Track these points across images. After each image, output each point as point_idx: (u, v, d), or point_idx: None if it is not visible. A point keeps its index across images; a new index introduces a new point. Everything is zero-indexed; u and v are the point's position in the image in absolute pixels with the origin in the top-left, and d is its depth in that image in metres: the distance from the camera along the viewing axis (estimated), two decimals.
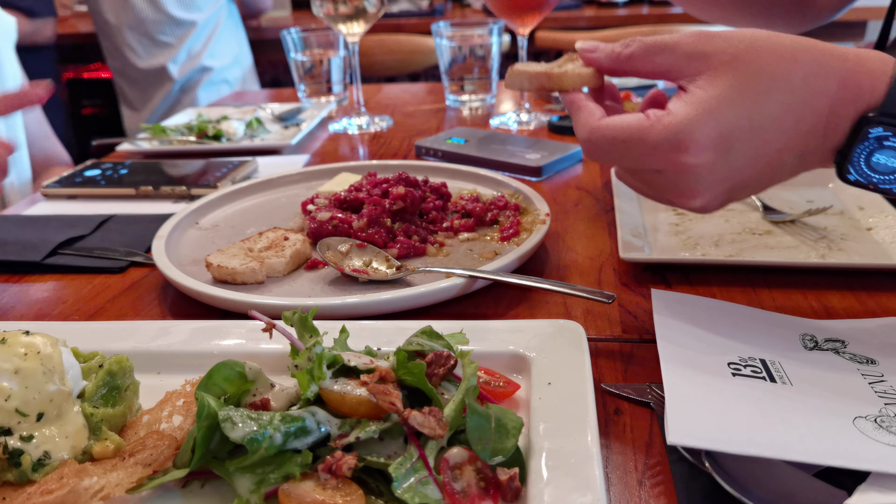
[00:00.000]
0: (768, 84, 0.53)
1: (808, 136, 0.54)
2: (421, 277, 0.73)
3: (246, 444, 0.43)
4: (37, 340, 0.48)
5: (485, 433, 0.44)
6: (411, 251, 0.79)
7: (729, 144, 0.54)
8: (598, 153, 0.58)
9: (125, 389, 0.52)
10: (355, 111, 1.42)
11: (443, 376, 0.49)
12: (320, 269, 0.77)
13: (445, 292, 0.68)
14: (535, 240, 0.77)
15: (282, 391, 0.49)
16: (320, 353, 0.48)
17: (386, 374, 0.47)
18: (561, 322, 0.58)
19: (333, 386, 0.47)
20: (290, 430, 0.44)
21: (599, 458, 0.44)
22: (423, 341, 0.52)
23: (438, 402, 0.47)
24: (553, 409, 0.49)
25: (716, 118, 0.53)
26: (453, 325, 0.58)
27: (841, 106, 0.53)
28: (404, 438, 0.45)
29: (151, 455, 0.46)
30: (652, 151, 0.55)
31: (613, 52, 0.59)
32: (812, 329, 0.61)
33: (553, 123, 1.33)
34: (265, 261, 0.75)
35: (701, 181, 0.55)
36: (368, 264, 0.75)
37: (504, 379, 0.54)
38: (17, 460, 0.44)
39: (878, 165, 0.53)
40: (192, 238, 0.87)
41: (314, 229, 0.82)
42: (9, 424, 0.45)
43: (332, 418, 0.46)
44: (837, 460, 0.43)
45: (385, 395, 0.45)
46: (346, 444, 0.45)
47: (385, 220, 0.81)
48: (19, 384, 0.46)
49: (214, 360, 0.49)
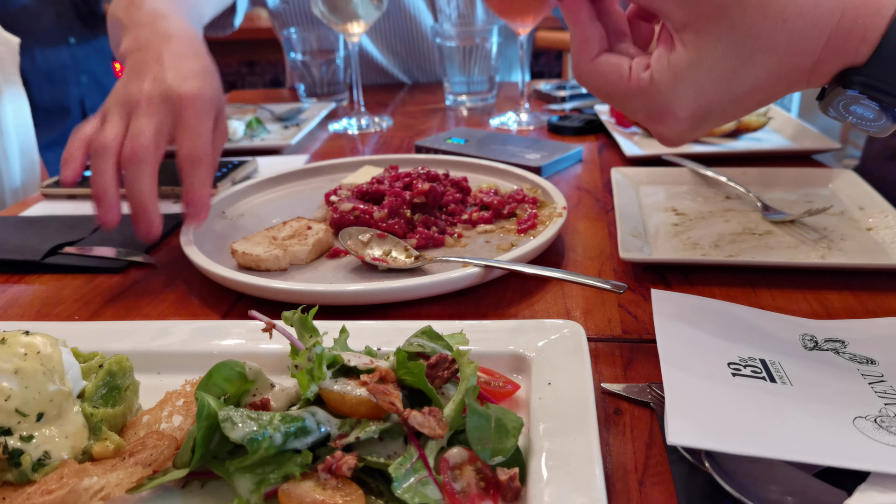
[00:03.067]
0: (752, 46, 0.52)
1: (789, 86, 0.54)
2: (438, 266, 0.76)
3: (246, 445, 0.42)
4: (37, 340, 0.48)
5: (485, 433, 0.44)
6: (430, 242, 0.82)
7: (706, 112, 0.56)
8: (586, 88, 0.61)
9: (125, 389, 0.51)
10: (355, 111, 1.42)
11: (446, 379, 0.49)
12: (342, 258, 0.80)
13: (462, 281, 0.70)
14: (550, 232, 0.78)
15: (282, 391, 0.49)
16: (320, 354, 0.48)
17: (386, 374, 0.47)
18: (561, 322, 0.59)
19: (333, 386, 0.47)
20: (290, 430, 0.44)
21: (599, 458, 0.44)
22: (424, 342, 0.52)
23: (438, 403, 0.47)
24: (553, 408, 0.49)
25: (694, 88, 0.54)
26: (453, 325, 0.58)
27: (825, 63, 0.52)
28: (404, 438, 0.45)
29: (151, 455, 0.46)
30: (632, 112, 0.59)
31: None
32: (812, 329, 0.61)
33: (553, 123, 1.33)
34: (288, 249, 0.78)
35: (675, 135, 0.58)
36: (388, 253, 0.78)
37: (504, 379, 0.54)
38: (17, 460, 0.44)
39: (854, 112, 0.54)
40: (217, 228, 0.90)
41: (336, 219, 0.84)
42: (9, 424, 0.45)
43: (332, 418, 0.46)
44: (837, 460, 0.43)
45: (385, 395, 0.45)
46: (346, 444, 0.44)
47: (405, 211, 0.84)
48: (19, 384, 0.46)
49: (215, 360, 0.49)
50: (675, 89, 0.55)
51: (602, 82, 0.58)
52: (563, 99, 1.52)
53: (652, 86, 0.55)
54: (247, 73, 4.51)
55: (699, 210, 0.91)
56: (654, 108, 0.56)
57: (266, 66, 4.44)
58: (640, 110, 0.58)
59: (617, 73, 0.57)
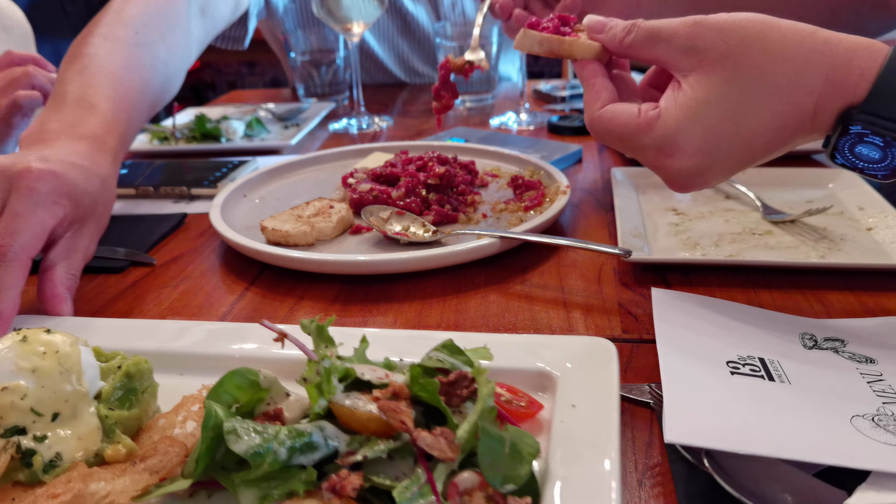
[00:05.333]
0: (755, 86, 0.55)
1: (795, 130, 0.56)
2: (454, 239, 0.81)
3: (248, 458, 0.41)
4: (56, 339, 0.47)
5: (497, 458, 0.42)
6: (445, 218, 0.87)
7: (714, 148, 0.58)
8: (597, 137, 0.64)
9: (143, 392, 0.51)
10: (355, 111, 1.42)
11: (465, 398, 0.46)
12: (364, 234, 0.86)
13: (481, 251, 0.77)
14: (557, 207, 0.85)
15: (296, 401, 0.48)
16: (328, 368, 0.46)
17: (399, 389, 0.45)
18: (591, 339, 0.56)
19: (344, 400, 0.45)
20: (296, 444, 0.42)
21: (618, 490, 0.41)
22: (444, 356, 0.49)
23: (452, 423, 0.44)
24: (574, 433, 0.46)
25: (702, 124, 0.57)
26: (478, 339, 0.56)
27: (826, 101, 0.54)
28: (414, 459, 0.43)
29: (161, 462, 0.45)
30: (642, 151, 0.61)
31: (616, 37, 0.63)
32: (811, 328, 0.61)
33: (553, 123, 1.33)
34: (315, 225, 0.83)
35: (684, 176, 0.60)
36: (407, 229, 0.83)
37: (528, 398, 0.52)
38: (29, 460, 0.44)
39: (860, 155, 0.55)
40: (241, 209, 0.96)
41: (356, 199, 0.90)
42: (23, 423, 0.45)
43: (342, 434, 0.44)
44: (835, 459, 0.43)
45: (395, 413, 0.43)
46: (354, 462, 0.42)
47: (421, 190, 0.89)
48: (36, 383, 0.45)
49: (237, 364, 0.48)
50: (682, 124, 0.57)
51: (613, 125, 0.61)
52: (563, 99, 1.52)
53: (660, 120, 0.58)
54: (247, 74, 4.51)
55: (699, 210, 0.91)
56: (663, 141, 0.58)
57: (266, 66, 4.43)
58: (650, 146, 0.59)
59: (627, 113, 0.60)
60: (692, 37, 0.57)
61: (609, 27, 0.63)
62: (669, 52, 0.58)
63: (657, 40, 0.59)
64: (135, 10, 0.98)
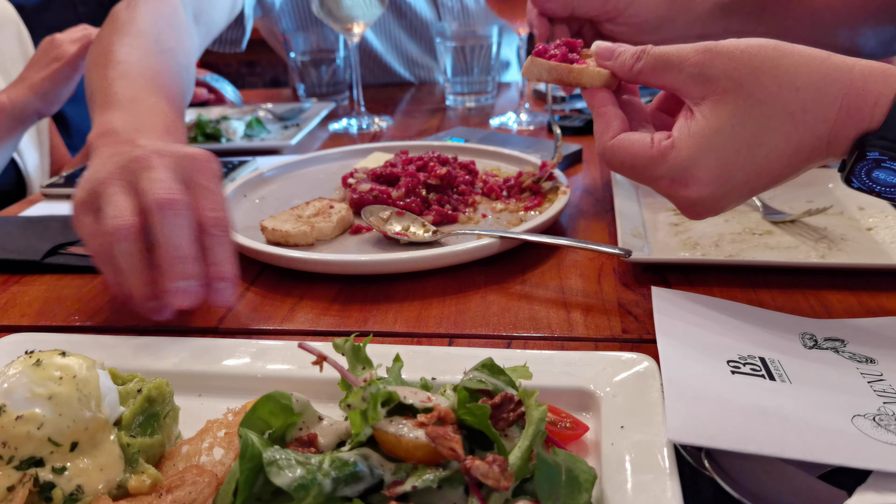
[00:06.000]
0: (769, 114, 0.54)
1: (810, 156, 0.56)
2: (454, 239, 0.81)
3: (292, 492, 0.39)
4: (72, 362, 0.44)
5: (555, 486, 0.40)
6: (445, 218, 0.87)
7: (729, 177, 0.57)
8: (609, 166, 0.63)
9: (164, 416, 0.48)
10: (355, 111, 1.42)
11: (511, 422, 0.44)
12: (364, 234, 0.86)
13: (481, 251, 0.76)
14: (557, 207, 0.85)
15: (331, 426, 0.45)
16: (375, 393, 0.43)
17: (445, 414, 0.42)
18: (634, 356, 0.54)
19: (388, 427, 0.42)
20: (340, 475, 0.40)
21: None
22: (485, 377, 0.47)
23: (503, 450, 0.42)
24: (627, 457, 0.44)
25: (716, 154, 0.56)
26: (516, 355, 0.55)
27: (841, 128, 0.54)
28: (465, 488, 0.41)
29: (190, 494, 0.42)
30: (656, 181, 0.60)
31: (625, 64, 0.62)
32: (812, 328, 0.61)
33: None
34: (315, 225, 0.83)
35: (699, 205, 0.60)
36: (407, 229, 0.83)
37: (571, 419, 0.49)
38: (48, 494, 0.41)
39: (878, 179, 0.54)
40: (241, 209, 0.95)
41: (356, 199, 0.90)
42: (41, 454, 0.42)
43: (386, 462, 0.42)
44: (835, 458, 0.43)
45: (445, 441, 0.40)
46: (402, 492, 0.40)
47: (421, 190, 0.89)
48: (53, 411, 0.42)
49: (259, 383, 0.46)
50: (696, 153, 0.56)
51: (626, 155, 0.60)
52: (563, 99, 1.52)
53: (674, 150, 0.57)
54: (247, 74, 4.50)
55: None
56: (677, 171, 0.57)
57: (266, 66, 4.43)
58: (664, 176, 0.58)
59: (640, 143, 0.59)
60: (702, 64, 0.56)
61: (618, 54, 0.62)
62: (680, 80, 0.57)
63: (667, 67, 0.58)
64: (148, 18, 0.97)
